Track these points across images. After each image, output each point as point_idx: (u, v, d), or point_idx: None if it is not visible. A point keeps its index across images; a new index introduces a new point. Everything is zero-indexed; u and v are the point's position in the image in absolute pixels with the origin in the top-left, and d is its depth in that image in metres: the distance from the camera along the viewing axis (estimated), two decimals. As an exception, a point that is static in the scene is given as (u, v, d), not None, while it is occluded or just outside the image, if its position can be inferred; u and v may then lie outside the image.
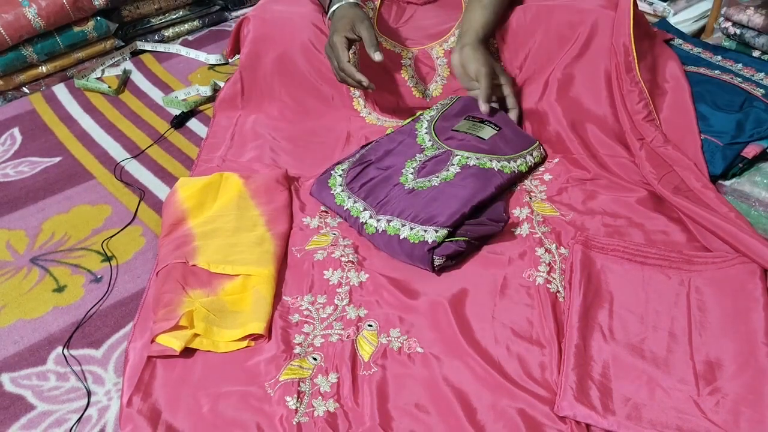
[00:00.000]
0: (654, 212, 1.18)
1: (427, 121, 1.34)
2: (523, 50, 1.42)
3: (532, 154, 1.30)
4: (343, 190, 1.21)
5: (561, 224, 1.17)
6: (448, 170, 1.20)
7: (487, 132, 1.29)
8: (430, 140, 1.29)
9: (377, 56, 1.25)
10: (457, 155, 1.23)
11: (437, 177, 1.19)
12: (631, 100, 1.29)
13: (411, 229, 1.10)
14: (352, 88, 1.47)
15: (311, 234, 1.20)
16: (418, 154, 1.27)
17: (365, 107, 1.50)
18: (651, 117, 1.29)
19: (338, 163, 1.29)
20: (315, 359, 0.98)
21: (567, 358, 0.92)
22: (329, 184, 1.23)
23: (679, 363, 0.92)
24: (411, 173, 1.22)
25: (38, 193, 1.39)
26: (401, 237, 1.10)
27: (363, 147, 1.32)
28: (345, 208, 1.19)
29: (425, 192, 1.17)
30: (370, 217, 1.15)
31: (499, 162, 1.23)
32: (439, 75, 1.47)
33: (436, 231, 1.08)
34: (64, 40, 1.73)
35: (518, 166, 1.26)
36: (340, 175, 1.24)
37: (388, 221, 1.13)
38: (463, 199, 1.13)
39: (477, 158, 1.22)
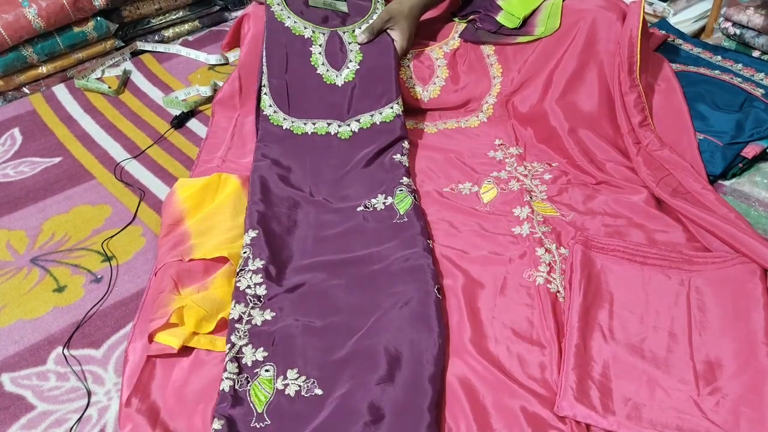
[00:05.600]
0: (654, 212, 1.18)
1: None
2: (522, 54, 1.42)
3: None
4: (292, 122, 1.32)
5: (561, 224, 1.17)
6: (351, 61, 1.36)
7: (342, 5, 1.43)
8: (306, 28, 1.38)
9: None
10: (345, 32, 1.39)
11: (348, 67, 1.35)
12: (629, 102, 1.29)
13: (380, 114, 1.30)
14: None
15: None
16: (311, 47, 1.37)
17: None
18: (647, 122, 1.29)
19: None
20: None
21: (567, 358, 0.92)
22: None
23: (679, 363, 0.92)
24: (324, 67, 1.35)
25: (38, 193, 1.39)
26: (377, 122, 1.29)
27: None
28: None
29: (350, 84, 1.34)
30: (339, 126, 1.31)
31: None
32: (438, 76, 1.46)
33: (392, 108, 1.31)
34: (64, 40, 1.73)
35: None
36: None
37: (357, 121, 1.32)
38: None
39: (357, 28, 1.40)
